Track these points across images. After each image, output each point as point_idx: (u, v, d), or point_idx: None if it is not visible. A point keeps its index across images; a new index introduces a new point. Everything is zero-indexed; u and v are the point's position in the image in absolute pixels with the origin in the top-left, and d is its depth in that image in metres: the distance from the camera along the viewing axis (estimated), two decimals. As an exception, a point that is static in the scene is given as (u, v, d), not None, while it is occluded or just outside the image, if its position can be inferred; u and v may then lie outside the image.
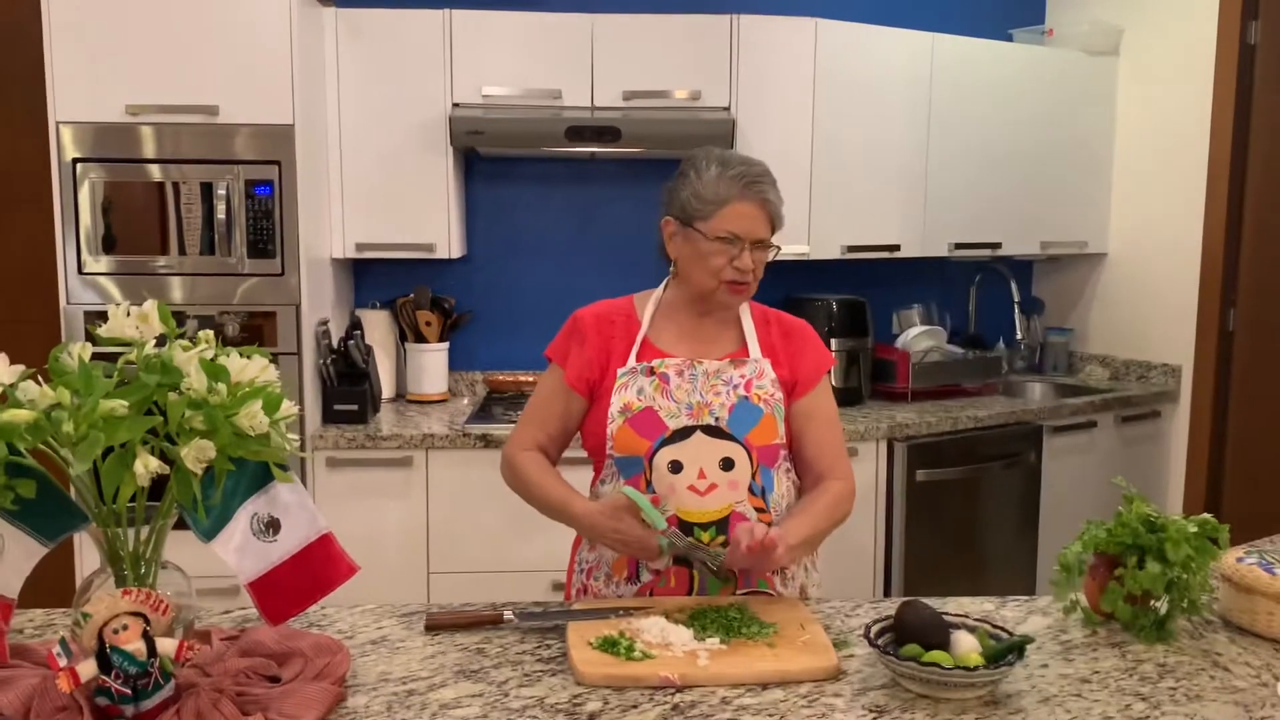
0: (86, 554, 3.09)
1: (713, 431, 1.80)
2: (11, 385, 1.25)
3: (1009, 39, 4.22)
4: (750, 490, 1.81)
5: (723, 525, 1.78)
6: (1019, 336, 4.29)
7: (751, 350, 1.89)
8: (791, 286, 3.92)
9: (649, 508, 1.68)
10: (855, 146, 3.66)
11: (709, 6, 3.63)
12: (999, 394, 3.99)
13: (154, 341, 1.36)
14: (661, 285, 1.97)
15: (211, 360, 1.30)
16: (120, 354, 1.35)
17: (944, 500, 3.50)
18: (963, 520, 3.57)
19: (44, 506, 1.30)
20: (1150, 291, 4.17)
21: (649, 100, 3.47)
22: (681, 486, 1.78)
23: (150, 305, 1.30)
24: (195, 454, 1.23)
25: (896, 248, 3.79)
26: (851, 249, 3.70)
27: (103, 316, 1.45)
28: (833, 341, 3.64)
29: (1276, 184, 3.78)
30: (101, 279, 3.11)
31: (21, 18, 3.52)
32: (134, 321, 1.30)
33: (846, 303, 3.73)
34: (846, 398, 3.67)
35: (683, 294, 1.91)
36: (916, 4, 4.08)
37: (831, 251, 3.67)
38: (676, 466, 1.78)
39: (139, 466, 1.22)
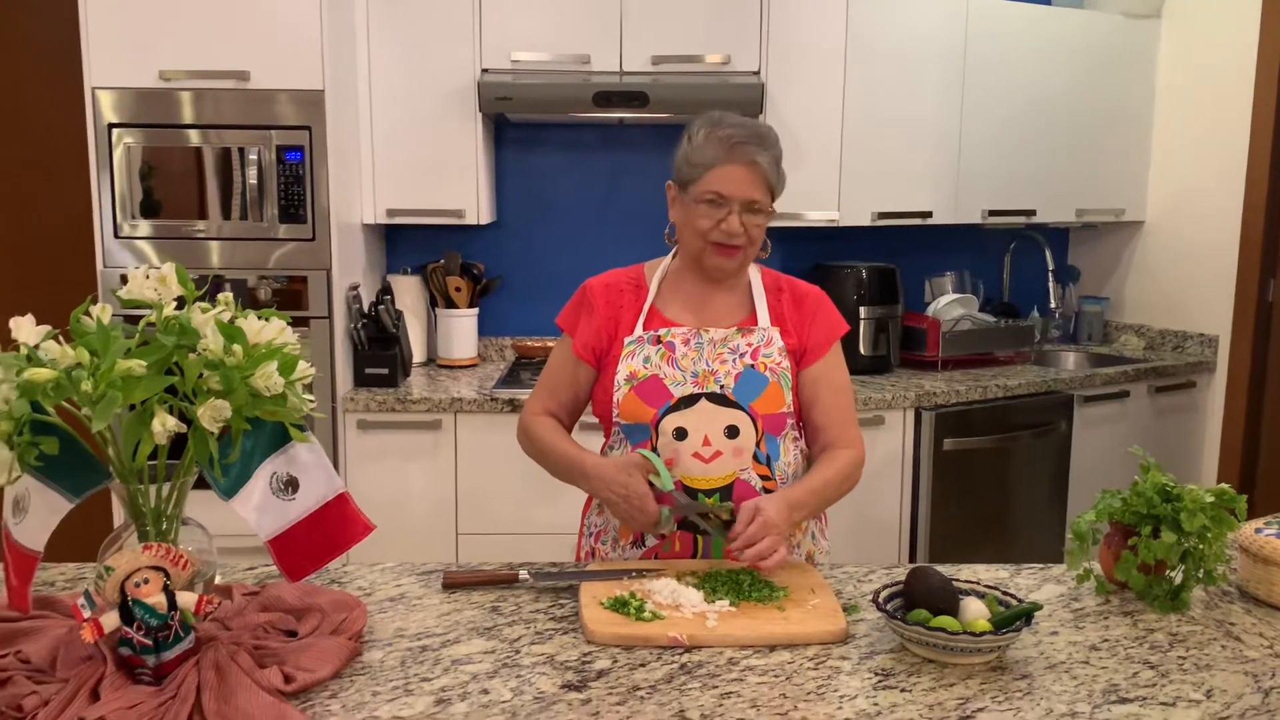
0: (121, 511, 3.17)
1: (718, 399, 1.81)
2: (34, 346, 1.28)
3: (1048, 1, 4.14)
4: (755, 458, 1.82)
5: (727, 492, 1.80)
6: (1053, 305, 4.25)
7: (760, 319, 1.89)
8: (821, 253, 3.90)
9: (662, 468, 1.70)
10: (887, 111, 3.62)
11: (739, -30, 3.59)
12: (1031, 363, 3.96)
13: (174, 304, 1.39)
14: (670, 253, 1.97)
15: (229, 322, 1.32)
16: (143, 316, 1.39)
17: (971, 470, 3.49)
18: (990, 490, 3.56)
19: (68, 463, 1.34)
20: (1188, 260, 4.10)
21: (678, 65, 3.45)
22: (686, 453, 1.79)
23: (168, 268, 1.33)
24: (211, 413, 1.26)
25: (929, 214, 3.76)
26: (883, 215, 3.68)
27: None
28: (861, 309, 3.62)
29: (1321, 150, 3.70)
30: (137, 243, 3.16)
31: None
32: (153, 284, 1.32)
33: (876, 270, 3.70)
34: (875, 365, 3.66)
35: (685, 261, 1.91)
36: (952, -33, 4.01)
37: (862, 218, 3.64)
38: (681, 433, 1.80)
39: (156, 425, 1.25)
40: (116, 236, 3.16)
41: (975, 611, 1.47)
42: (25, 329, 1.35)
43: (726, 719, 1.27)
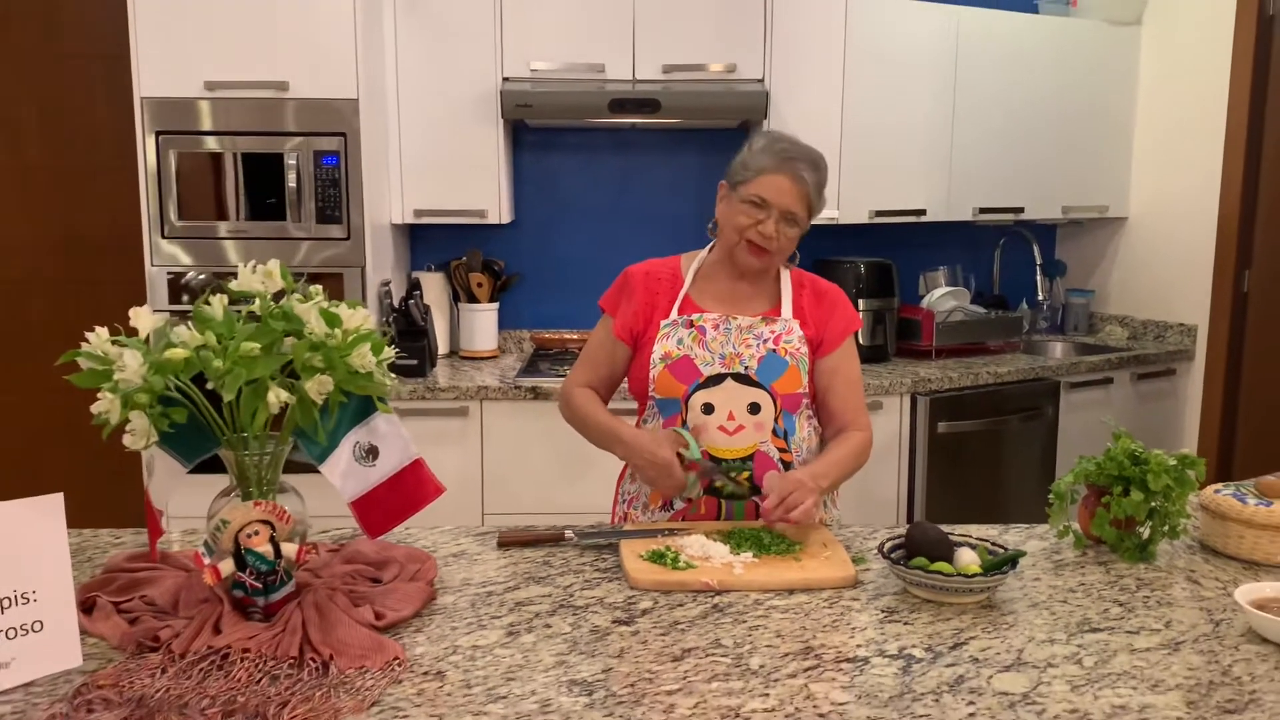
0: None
1: (742, 379, 2.03)
2: (160, 330, 1.50)
3: (1035, 9, 4.36)
4: (774, 433, 2.04)
5: (748, 462, 2.03)
6: (1041, 298, 4.48)
7: (784, 310, 2.11)
8: (822, 249, 4.13)
9: (692, 441, 1.93)
10: (883, 115, 3.85)
11: (744, -17, 3.82)
12: (1020, 352, 4.19)
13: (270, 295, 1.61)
14: (706, 248, 2.19)
15: (327, 310, 1.54)
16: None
17: (964, 451, 3.72)
18: (982, 470, 3.79)
19: (188, 433, 1.56)
20: (1168, 254, 4.33)
21: (687, 73, 3.68)
22: (713, 426, 2.02)
23: (274, 263, 1.55)
24: (317, 387, 1.48)
25: (922, 212, 3.99)
26: (879, 213, 3.91)
27: (180, 279, 1.60)
28: (860, 302, 3.85)
29: (1292, 150, 3.93)
30: (181, 243, 3.37)
31: (104, 2, 3.78)
32: (260, 277, 1.54)
33: (874, 265, 3.93)
34: (873, 355, 3.89)
35: (720, 255, 2.13)
36: (945, -23, 4.24)
37: (860, 216, 3.87)
38: (709, 408, 2.02)
39: (271, 397, 1.46)
40: (163, 237, 3.37)
41: (968, 559, 1.69)
42: (144, 318, 1.57)
43: (757, 645, 1.49)
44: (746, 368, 2.04)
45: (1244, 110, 3.99)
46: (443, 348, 4.00)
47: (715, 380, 2.03)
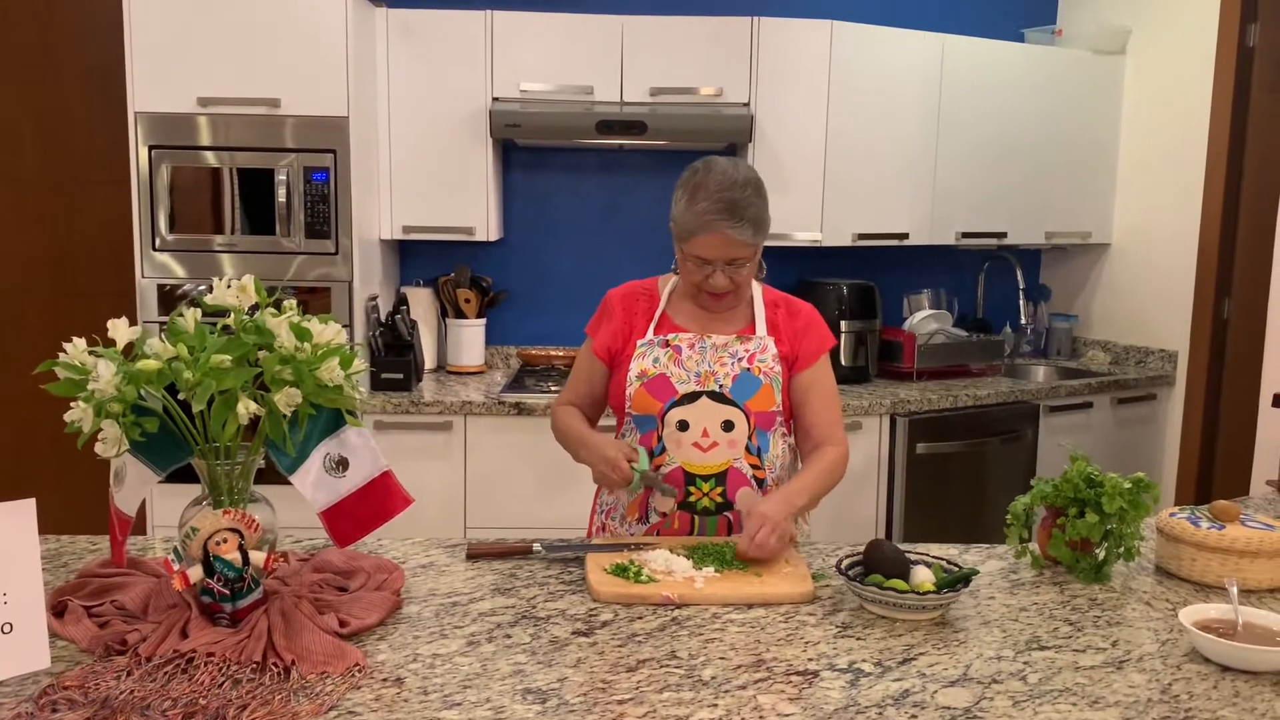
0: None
1: (716, 397, 2.08)
2: (136, 341, 1.54)
3: (1020, 38, 4.43)
4: (747, 449, 2.08)
5: (721, 478, 2.07)
6: (1024, 322, 4.53)
7: (758, 329, 2.15)
8: (806, 271, 4.18)
9: (643, 454, 2.03)
10: (867, 140, 3.91)
11: (731, 9, 3.89)
12: (1002, 375, 4.23)
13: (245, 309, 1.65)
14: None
15: (297, 325, 1.58)
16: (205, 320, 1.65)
17: (943, 472, 3.76)
18: (960, 491, 3.83)
19: (160, 442, 1.60)
20: (1150, 281, 4.39)
21: (674, 96, 3.73)
22: (687, 443, 2.06)
23: (249, 278, 1.59)
24: (286, 399, 1.52)
25: (905, 236, 4.04)
26: (862, 236, 3.96)
27: (173, 291, 1.64)
28: (842, 323, 3.90)
29: (1272, 180, 3.98)
30: (172, 256, 3.42)
31: (100, 15, 3.85)
32: (234, 292, 1.59)
33: (857, 286, 3.98)
34: (854, 376, 3.93)
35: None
36: (930, 6, 4.32)
37: (843, 239, 3.92)
38: (684, 425, 2.07)
39: (240, 408, 1.51)
40: (154, 250, 3.42)
41: (923, 576, 1.73)
42: (121, 329, 1.61)
43: (710, 658, 1.53)
44: (721, 386, 2.09)
45: (1224, 140, 4.05)
46: (430, 362, 4.05)
47: (690, 398, 2.08)
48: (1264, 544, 1.83)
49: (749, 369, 2.10)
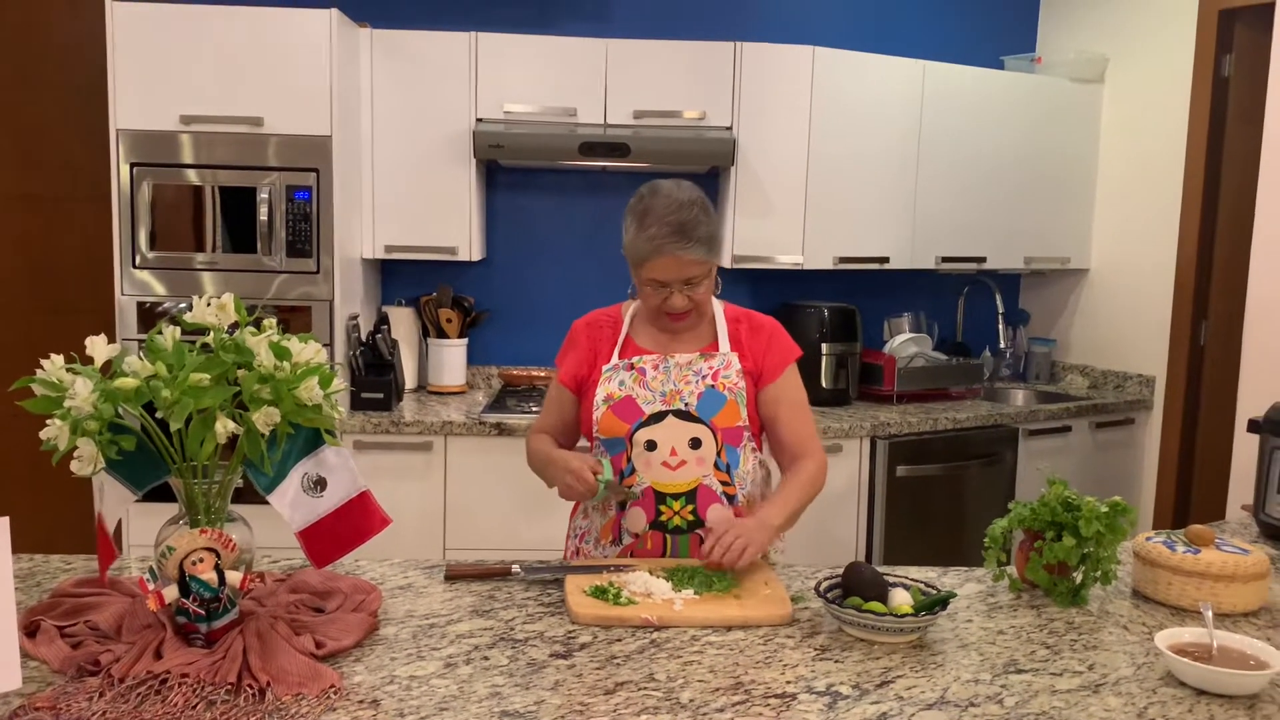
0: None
1: (683, 415, 2.09)
2: (114, 358, 1.54)
3: (1000, 65, 4.48)
4: (716, 466, 2.09)
5: (691, 496, 2.08)
6: (1003, 346, 4.56)
7: (721, 345, 2.17)
8: (787, 294, 4.20)
9: (607, 467, 2.07)
10: (848, 164, 3.94)
11: (714, 34, 3.92)
12: (981, 399, 4.26)
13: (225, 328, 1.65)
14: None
15: (276, 344, 1.58)
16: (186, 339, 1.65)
17: (923, 495, 3.77)
18: (940, 514, 3.84)
19: (137, 460, 1.59)
20: (1128, 306, 4.42)
21: (657, 119, 3.75)
22: (656, 462, 2.07)
23: (228, 297, 1.59)
24: (264, 418, 1.52)
25: (886, 260, 4.06)
26: (843, 260, 3.98)
27: (154, 308, 1.62)
28: (823, 346, 3.91)
29: (1247, 207, 4.01)
30: (152, 274, 3.41)
31: (84, 34, 3.84)
32: (214, 310, 1.58)
33: (838, 310, 4.00)
34: (834, 398, 3.95)
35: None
36: (911, 33, 4.37)
37: (824, 262, 3.94)
38: (652, 445, 2.07)
39: (218, 427, 1.50)
40: (134, 268, 3.40)
41: (901, 599, 1.73)
42: (99, 347, 1.60)
43: (689, 680, 1.52)
44: (686, 404, 2.10)
45: (1200, 168, 4.10)
46: (411, 382, 4.04)
47: (657, 418, 2.09)
48: (1239, 568, 1.85)
49: (714, 386, 2.11)
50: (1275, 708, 1.48)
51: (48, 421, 1.49)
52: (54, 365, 1.54)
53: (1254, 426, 2.53)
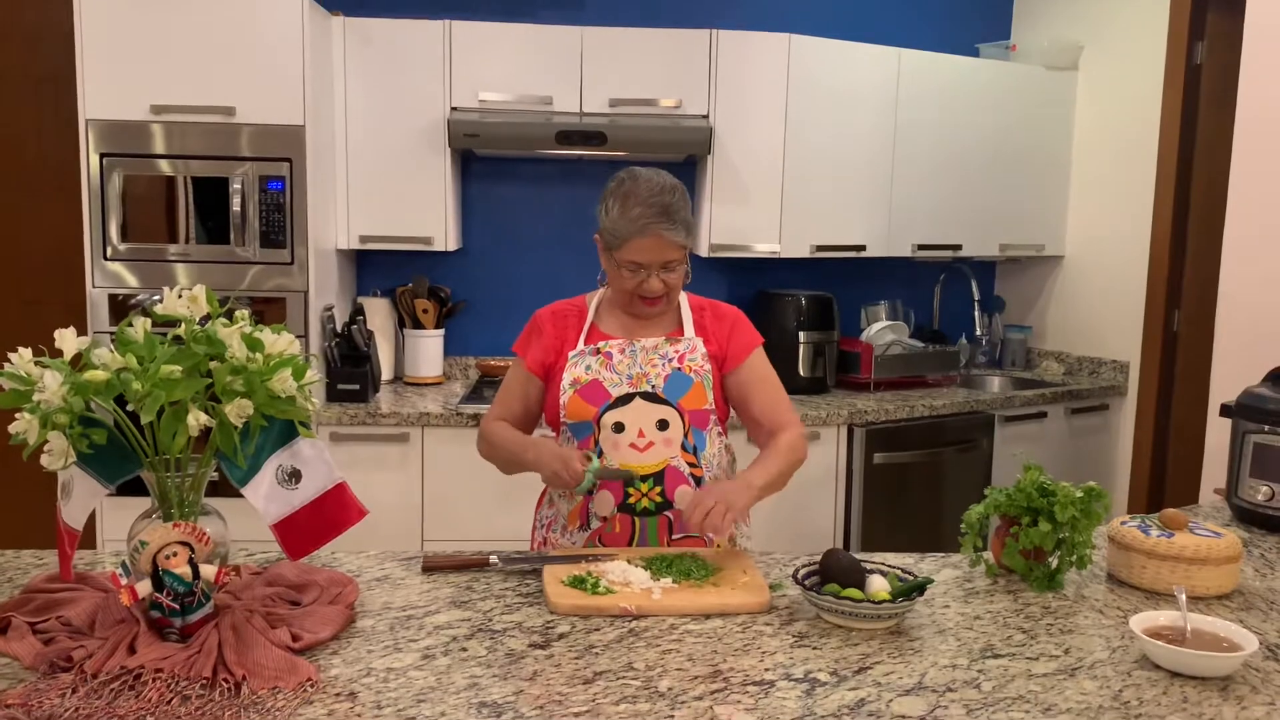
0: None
1: (650, 397, 2.10)
2: (85, 350, 1.52)
3: (976, 53, 4.49)
4: (684, 448, 2.11)
5: (659, 478, 2.09)
6: (979, 333, 4.58)
7: (686, 330, 2.18)
8: (764, 282, 4.20)
9: (594, 456, 2.05)
10: (824, 152, 3.94)
11: (690, 22, 3.92)
12: (958, 386, 4.28)
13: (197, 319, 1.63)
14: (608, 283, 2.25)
15: (249, 335, 1.56)
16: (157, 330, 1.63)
17: (900, 482, 3.79)
18: (917, 501, 3.86)
19: (108, 454, 1.57)
20: (1103, 293, 4.45)
21: (633, 108, 3.74)
22: (624, 444, 2.08)
23: (200, 289, 1.57)
24: (237, 410, 1.50)
25: (862, 248, 4.07)
26: (820, 248, 3.98)
27: (126, 300, 1.59)
28: (800, 334, 3.92)
29: (1219, 195, 4.04)
30: (124, 265, 3.37)
31: (50, 23, 3.79)
32: (185, 302, 1.56)
33: (814, 298, 4.00)
34: (811, 386, 3.95)
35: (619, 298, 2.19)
36: (887, 21, 4.37)
37: (801, 250, 3.95)
38: (619, 427, 2.08)
39: (190, 419, 1.48)
40: (105, 259, 3.36)
41: (878, 585, 1.74)
42: (68, 340, 1.58)
43: (667, 669, 1.52)
44: (653, 386, 2.11)
45: (1174, 155, 4.12)
46: (388, 373, 4.01)
47: (624, 400, 2.10)
48: (1211, 551, 1.86)
49: (680, 369, 2.13)
50: (1248, 689, 1.49)
51: (17, 415, 1.47)
52: (22, 359, 1.52)
53: (1226, 411, 2.55)
